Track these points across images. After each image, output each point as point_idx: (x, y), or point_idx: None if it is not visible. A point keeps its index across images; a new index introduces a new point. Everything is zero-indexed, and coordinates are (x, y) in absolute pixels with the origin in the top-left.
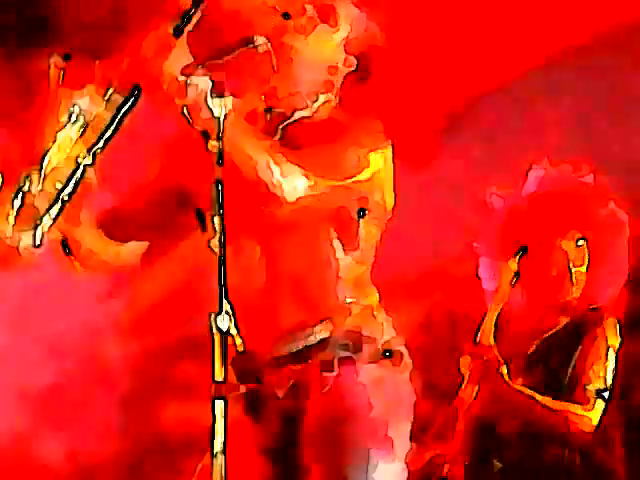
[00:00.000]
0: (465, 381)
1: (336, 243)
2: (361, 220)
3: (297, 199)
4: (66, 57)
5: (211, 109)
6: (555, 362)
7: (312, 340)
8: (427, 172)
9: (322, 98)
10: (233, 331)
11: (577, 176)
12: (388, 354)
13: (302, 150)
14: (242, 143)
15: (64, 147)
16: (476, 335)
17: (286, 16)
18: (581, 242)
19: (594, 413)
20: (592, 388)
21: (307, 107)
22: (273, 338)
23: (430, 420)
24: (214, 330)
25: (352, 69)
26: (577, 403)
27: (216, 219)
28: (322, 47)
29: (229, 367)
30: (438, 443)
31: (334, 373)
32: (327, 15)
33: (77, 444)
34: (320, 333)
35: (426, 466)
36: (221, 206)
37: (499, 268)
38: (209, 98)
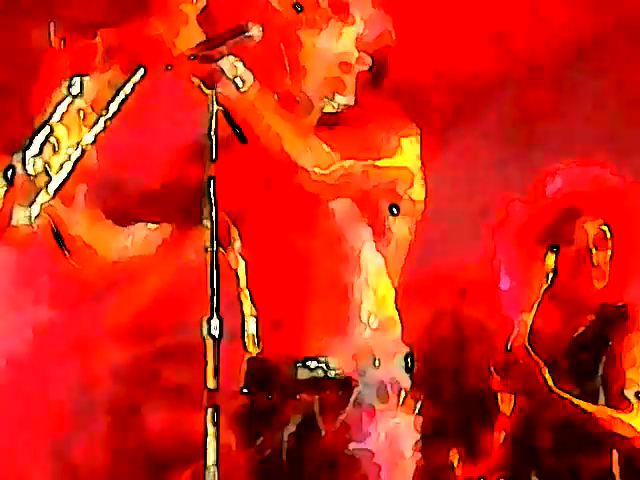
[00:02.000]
0: (501, 392)
1: (368, 244)
2: (392, 218)
3: (326, 173)
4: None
5: (235, 83)
6: (585, 366)
7: (334, 370)
8: (440, 168)
9: (339, 99)
10: (252, 333)
11: (603, 174)
12: (403, 399)
13: (331, 130)
14: (267, 117)
15: (62, 125)
16: (507, 342)
17: (298, 8)
18: (603, 227)
19: (636, 418)
20: (630, 393)
21: (321, 107)
22: (294, 356)
23: (435, 427)
24: (205, 335)
25: (366, 67)
26: (617, 409)
27: (208, 218)
28: (335, 43)
29: (225, 373)
30: (474, 463)
31: (346, 412)
32: (341, 10)
33: (60, 453)
34: (343, 365)
35: None
36: (214, 204)
37: (521, 267)
38: (230, 74)
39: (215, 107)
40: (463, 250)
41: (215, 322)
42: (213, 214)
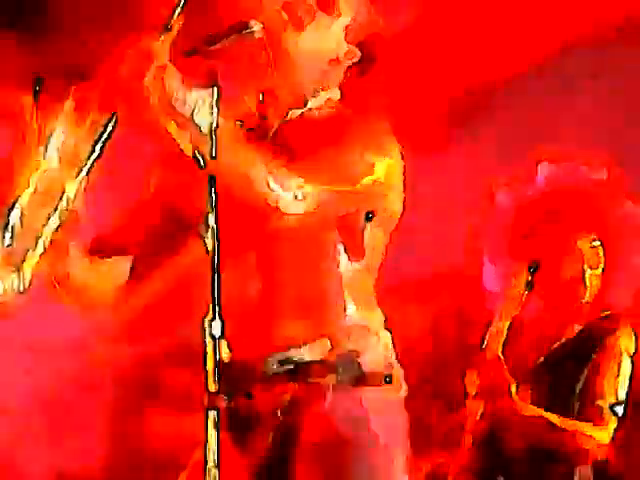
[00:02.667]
0: (471, 396)
1: (340, 249)
2: (368, 224)
3: (298, 213)
4: (38, 81)
5: (198, 125)
6: (565, 374)
7: (310, 358)
8: (432, 168)
9: (324, 95)
10: (223, 342)
11: (591, 172)
12: (389, 380)
13: (302, 155)
14: (233, 158)
15: (44, 181)
16: (482, 346)
17: None
18: (595, 243)
19: (606, 431)
20: (604, 404)
21: (306, 103)
22: (265, 351)
23: (436, 429)
24: (207, 336)
25: (355, 61)
26: (588, 420)
27: (210, 217)
28: (322, 38)
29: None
30: (442, 452)
31: (330, 395)
32: (327, 2)
33: (60, 456)
34: (319, 352)
35: (428, 476)
36: (215, 205)
37: (506, 270)
38: (196, 112)
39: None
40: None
41: (217, 323)
42: (214, 214)
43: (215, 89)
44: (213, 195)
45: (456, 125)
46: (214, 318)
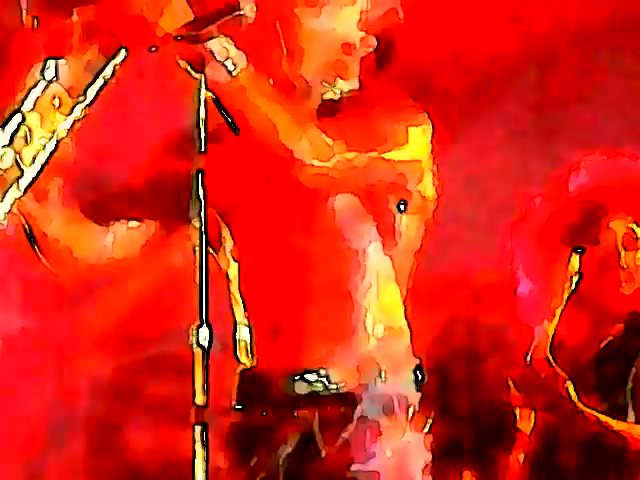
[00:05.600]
0: (519, 408)
1: (373, 244)
2: (401, 216)
3: (327, 167)
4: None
5: (226, 67)
6: (613, 379)
7: (335, 384)
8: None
9: (342, 85)
10: (247, 344)
11: (632, 167)
12: (412, 416)
13: (332, 118)
14: (261, 105)
15: (35, 113)
16: (527, 352)
17: None
18: (633, 226)
19: None
20: None
21: (323, 93)
22: (291, 367)
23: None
24: (194, 345)
25: (371, 50)
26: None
27: (196, 215)
28: (336, 22)
29: (213, 387)
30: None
31: (350, 429)
32: None
33: (34, 474)
34: (345, 378)
35: None
36: (202, 200)
37: (544, 270)
38: (221, 57)
39: (204, 93)
40: (478, 251)
41: (204, 331)
42: (202, 211)
43: (202, 77)
44: (201, 191)
45: (477, 113)
46: (201, 325)
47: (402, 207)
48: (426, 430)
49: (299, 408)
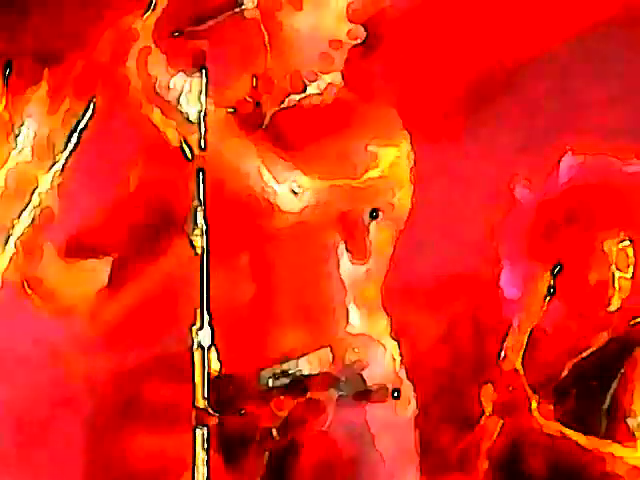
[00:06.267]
0: (487, 412)
1: (342, 251)
2: (373, 223)
3: (296, 211)
4: (7, 65)
5: (185, 112)
6: (591, 389)
7: (309, 371)
8: (445, 161)
9: (325, 79)
10: (212, 352)
11: (621, 165)
12: (396, 395)
13: (299, 145)
14: (224, 149)
15: (14, 174)
16: (499, 357)
17: None
18: (625, 243)
19: (637, 452)
20: (635, 422)
21: (305, 89)
22: (260, 363)
23: (448, 452)
24: (195, 346)
25: (358, 42)
26: (617, 440)
27: (199, 215)
28: (321, 16)
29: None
30: (455, 475)
31: (332, 412)
32: None
33: (33, 477)
34: (319, 364)
35: None
36: (203, 199)
37: (526, 273)
38: (183, 98)
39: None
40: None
41: (205, 332)
42: (203, 211)
43: (203, 73)
44: (201, 190)
45: (471, 113)
46: (202, 326)
47: (374, 214)
48: (411, 410)
49: (276, 399)
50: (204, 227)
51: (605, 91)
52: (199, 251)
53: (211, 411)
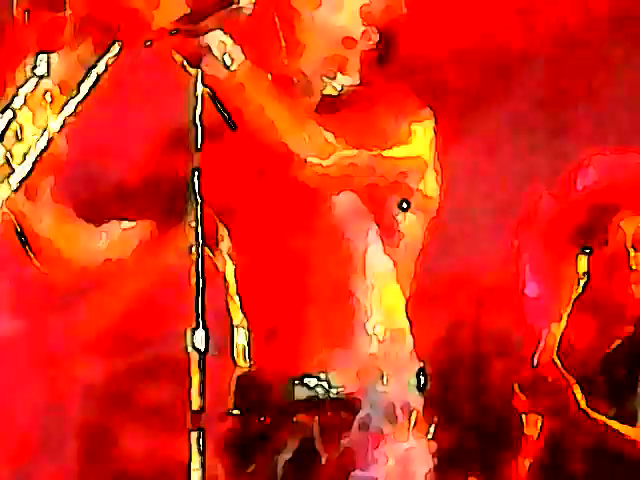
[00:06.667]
0: (526, 413)
1: (372, 237)
2: (403, 215)
3: (327, 164)
4: None
5: (224, 61)
6: (622, 383)
7: (336, 387)
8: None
9: (340, 79)
10: (244, 347)
11: None
12: (415, 421)
13: (332, 114)
14: (259, 100)
15: (26, 109)
16: (534, 355)
17: None
18: None
19: None
20: None
21: (322, 89)
22: (290, 371)
23: (452, 452)
24: (190, 349)
25: (372, 44)
26: None
27: (192, 215)
28: (336, 15)
29: (209, 393)
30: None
31: (350, 435)
32: None
33: None
34: (345, 382)
35: None
36: (199, 199)
37: (549, 270)
38: (217, 52)
39: (201, 89)
40: (483, 252)
41: (200, 333)
42: (198, 210)
43: (199, 72)
44: (197, 189)
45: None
46: (197, 327)
47: (404, 206)
48: (430, 436)
49: (298, 413)
50: (200, 226)
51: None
52: (194, 250)
53: (234, 411)
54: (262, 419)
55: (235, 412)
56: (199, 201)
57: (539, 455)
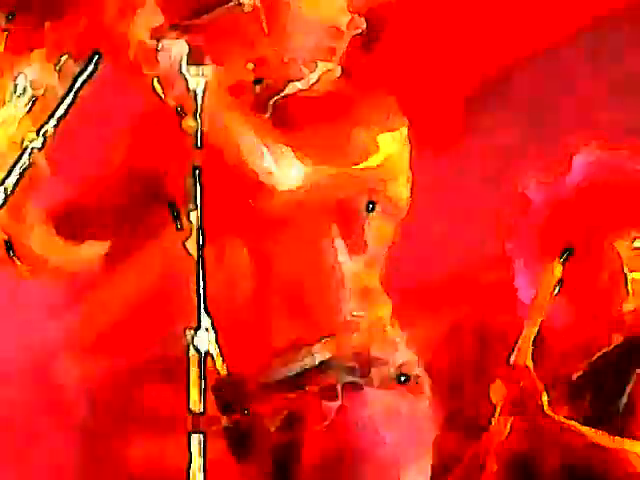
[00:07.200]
0: (497, 411)
1: (339, 244)
2: (370, 215)
3: (292, 190)
4: (10, 16)
5: (187, 80)
6: (606, 389)
7: (310, 362)
8: (450, 157)
9: (322, 67)
10: (213, 351)
11: (635, 162)
12: (403, 379)
13: (298, 130)
14: (225, 122)
15: (7, 127)
16: (510, 356)
17: None
18: (638, 243)
19: None
20: None
21: (304, 77)
22: (263, 359)
23: (454, 456)
24: (191, 350)
25: (358, 32)
26: (634, 438)
27: (193, 215)
28: (322, 4)
29: (209, 395)
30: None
31: (337, 402)
32: None
33: None
34: (320, 354)
35: None
36: (199, 199)
37: (539, 274)
38: (184, 66)
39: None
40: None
41: (201, 334)
42: (198, 210)
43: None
44: (198, 188)
45: (475, 107)
46: (199, 328)
47: (370, 207)
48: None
49: (281, 392)
50: (200, 230)
51: (617, 87)
52: (194, 254)
53: (219, 412)
54: (246, 412)
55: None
56: (200, 200)
57: (509, 456)
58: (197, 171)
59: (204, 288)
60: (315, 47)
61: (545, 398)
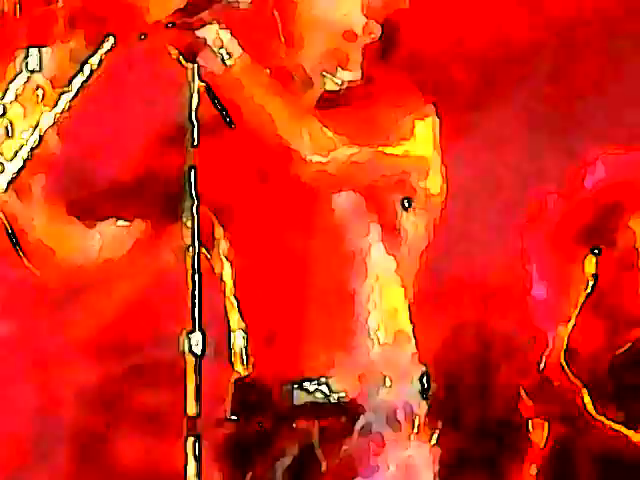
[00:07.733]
0: (532, 418)
1: (374, 238)
2: (405, 214)
3: (327, 162)
4: None
5: (220, 56)
6: (630, 388)
7: (337, 392)
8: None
9: (342, 75)
10: (244, 354)
11: None
12: (418, 427)
13: (333, 110)
14: (257, 96)
15: (17, 105)
16: (540, 359)
17: None
18: None
19: None
20: None
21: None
22: (289, 375)
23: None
24: (186, 352)
25: (374, 38)
26: None
27: (188, 214)
28: (337, 8)
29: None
30: None
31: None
32: None
33: None
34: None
35: None
36: (195, 198)
37: (559, 273)
38: (214, 46)
39: (197, 84)
40: (489, 252)
41: (197, 336)
42: (194, 209)
43: (195, 67)
44: (194, 187)
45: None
46: (193, 330)
47: (407, 204)
48: (433, 442)
49: (298, 419)
50: (196, 226)
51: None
52: (190, 251)
53: (232, 417)
54: (260, 424)
55: (233, 418)
56: (195, 200)
57: (546, 461)
58: (192, 170)
59: (200, 288)
60: (331, 52)
61: (587, 395)
